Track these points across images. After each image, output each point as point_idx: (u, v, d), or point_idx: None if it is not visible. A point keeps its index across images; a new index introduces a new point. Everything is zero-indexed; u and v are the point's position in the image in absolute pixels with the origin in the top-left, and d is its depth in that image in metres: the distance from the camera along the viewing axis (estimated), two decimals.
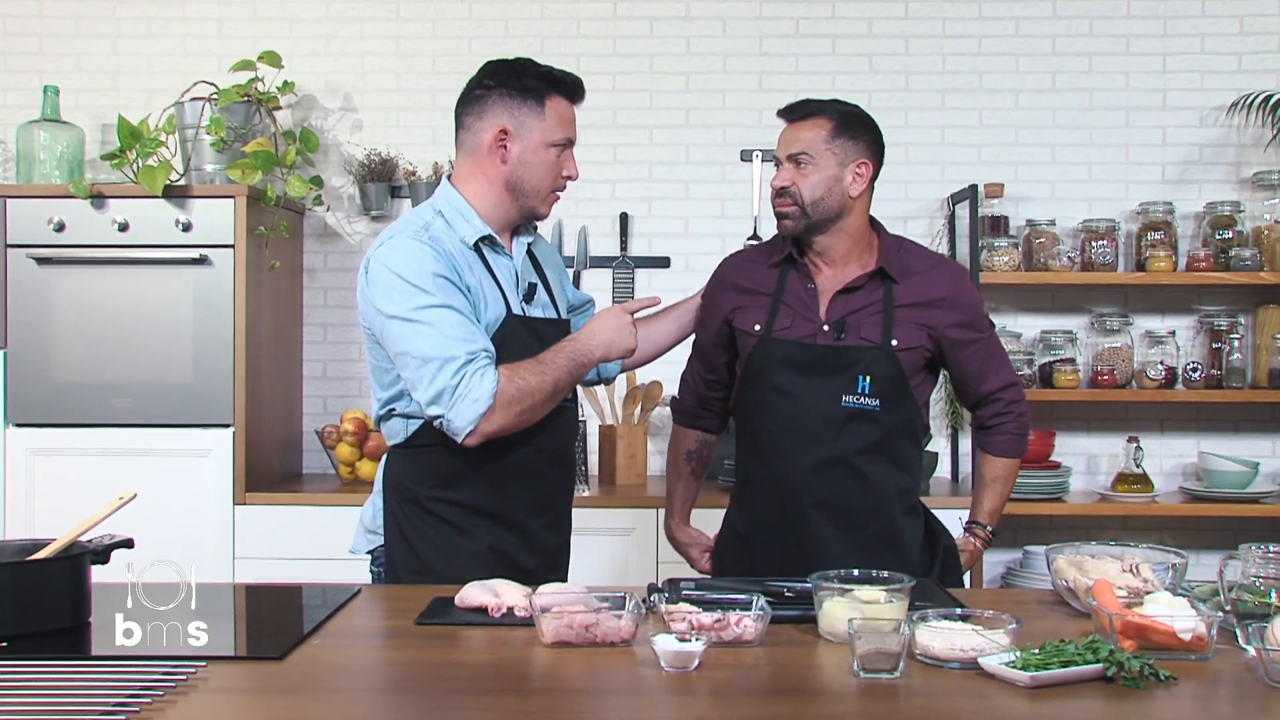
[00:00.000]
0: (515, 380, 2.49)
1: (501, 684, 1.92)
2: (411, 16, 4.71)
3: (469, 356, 2.46)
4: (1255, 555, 2.06)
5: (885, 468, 2.76)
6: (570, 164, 2.70)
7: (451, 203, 2.66)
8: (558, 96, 2.65)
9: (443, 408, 2.46)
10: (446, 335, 2.46)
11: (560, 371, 2.57)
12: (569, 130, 2.68)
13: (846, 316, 2.74)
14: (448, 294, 2.50)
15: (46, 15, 4.72)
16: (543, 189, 2.67)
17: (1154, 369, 4.39)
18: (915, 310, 2.75)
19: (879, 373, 2.71)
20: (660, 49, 4.70)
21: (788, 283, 2.81)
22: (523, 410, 2.51)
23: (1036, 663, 1.87)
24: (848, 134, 2.76)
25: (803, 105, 2.81)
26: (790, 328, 2.76)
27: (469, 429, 2.47)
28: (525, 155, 2.63)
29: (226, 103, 4.25)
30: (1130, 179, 4.64)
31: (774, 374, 2.75)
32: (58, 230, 4.10)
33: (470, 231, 2.63)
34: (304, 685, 1.90)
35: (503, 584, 2.34)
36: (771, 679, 1.94)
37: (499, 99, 2.62)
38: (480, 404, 2.45)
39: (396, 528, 2.66)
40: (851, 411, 2.71)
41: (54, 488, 4.10)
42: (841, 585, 2.15)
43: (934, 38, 4.67)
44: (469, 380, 2.45)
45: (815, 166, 2.72)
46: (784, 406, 2.74)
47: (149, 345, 4.10)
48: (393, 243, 2.56)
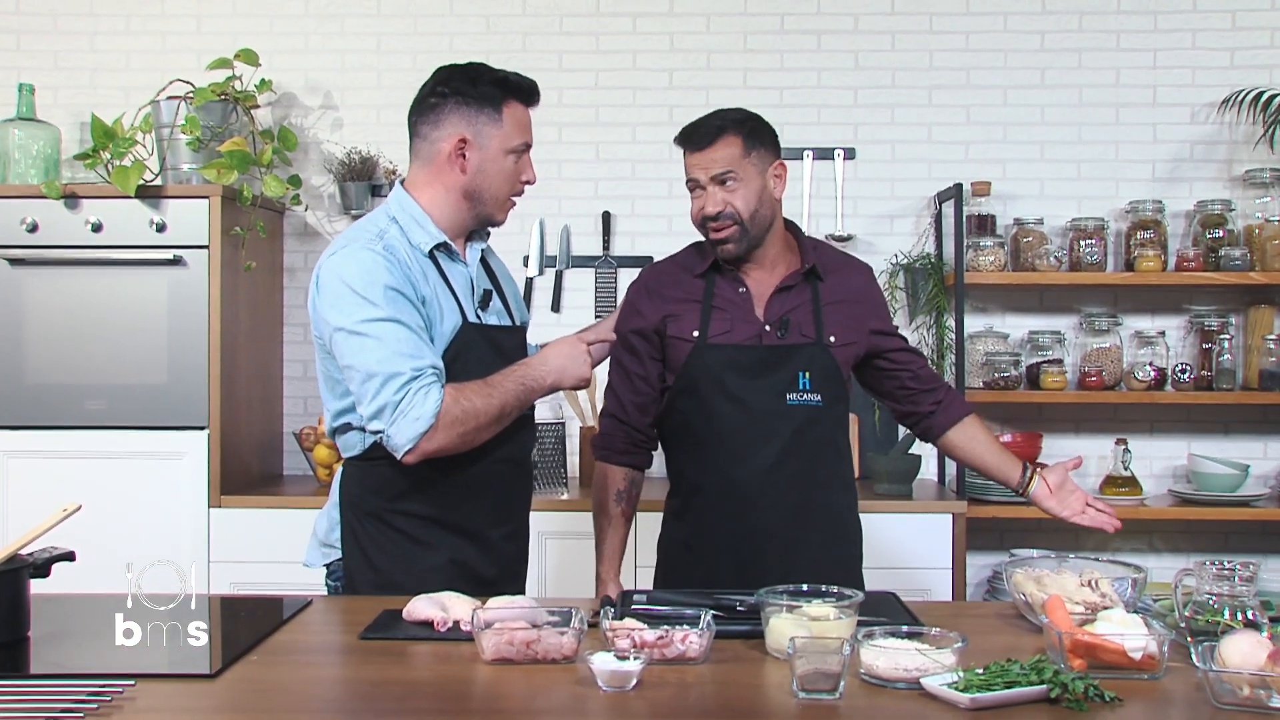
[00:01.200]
0: (460, 401, 2.44)
1: (434, 703, 1.87)
2: (392, 13, 4.66)
3: (414, 373, 2.40)
4: (1209, 572, 2.00)
5: (832, 462, 2.80)
6: (528, 169, 2.66)
7: (406, 209, 2.61)
8: (514, 102, 2.62)
9: (384, 424, 2.42)
10: (392, 350, 2.41)
11: (508, 396, 2.51)
12: (526, 135, 2.64)
13: (786, 314, 2.74)
14: (397, 307, 2.44)
15: (24, 12, 4.69)
16: (501, 196, 2.63)
17: (1142, 370, 4.32)
18: (841, 307, 2.80)
19: (818, 369, 2.73)
20: (643, 45, 4.64)
21: (716, 289, 2.78)
22: (465, 432, 2.45)
23: (979, 683, 1.81)
24: (757, 142, 2.73)
25: (705, 128, 2.73)
26: (730, 332, 2.74)
27: (408, 446, 2.42)
28: (484, 164, 2.59)
29: (202, 101, 4.21)
30: (1120, 177, 4.57)
31: (716, 379, 2.72)
32: (31, 231, 4.06)
33: (426, 239, 2.58)
34: (232, 706, 1.85)
35: (451, 597, 2.30)
36: (710, 699, 1.89)
37: (455, 107, 2.58)
38: (421, 422, 2.39)
39: (354, 541, 2.61)
40: (796, 409, 2.72)
41: (28, 490, 4.06)
42: (790, 601, 2.10)
43: (921, 33, 4.60)
44: (412, 397, 2.39)
45: (742, 182, 2.70)
46: (730, 411, 2.71)
47: (123, 347, 4.06)
48: (346, 252, 2.50)
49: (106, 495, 4.04)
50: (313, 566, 2.72)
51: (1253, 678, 1.76)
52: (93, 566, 3.93)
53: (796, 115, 4.58)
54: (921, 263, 4.48)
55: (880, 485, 4.16)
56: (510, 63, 4.56)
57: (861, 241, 4.59)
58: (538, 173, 4.54)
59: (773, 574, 2.41)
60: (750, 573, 2.55)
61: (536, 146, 4.52)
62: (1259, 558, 4.52)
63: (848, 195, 4.58)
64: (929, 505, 4.05)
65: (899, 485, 4.13)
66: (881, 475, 4.14)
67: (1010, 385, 4.34)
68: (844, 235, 4.54)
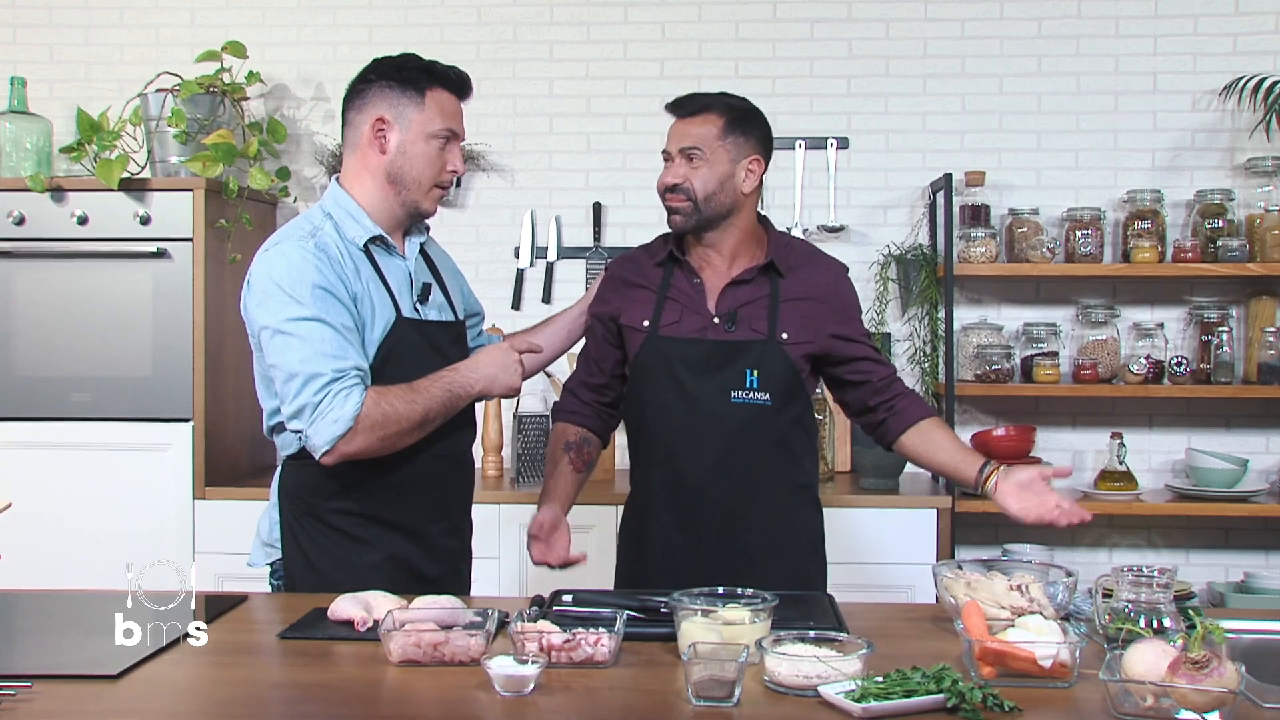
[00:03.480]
0: (381, 404, 2.42)
1: (327, 707, 1.86)
2: (383, 4, 4.65)
3: (335, 374, 2.39)
4: (1126, 578, 1.95)
5: (781, 464, 2.73)
6: (454, 158, 2.62)
7: (341, 204, 2.60)
8: (440, 89, 2.60)
9: (303, 424, 2.41)
10: (315, 350, 2.40)
11: (433, 402, 2.49)
12: (451, 122, 2.61)
13: (737, 309, 2.70)
14: (324, 307, 2.42)
15: (19, 5, 4.71)
16: (424, 180, 2.59)
17: (1137, 364, 4.24)
18: (801, 304, 2.73)
19: (768, 367, 2.67)
20: (635, 35, 4.60)
21: (673, 279, 2.76)
22: (386, 435, 2.43)
23: (876, 692, 1.78)
24: (740, 130, 2.70)
25: (693, 99, 2.76)
26: (679, 322, 2.71)
27: (325, 448, 2.41)
28: (404, 145, 2.57)
29: (188, 94, 4.21)
30: (1119, 166, 4.48)
31: (662, 372, 2.70)
32: (18, 224, 4.09)
33: (360, 232, 2.57)
34: (128, 708, 1.85)
35: (377, 596, 2.29)
36: (606, 705, 1.86)
37: (379, 90, 2.59)
38: (340, 425, 2.38)
39: (293, 540, 2.61)
40: (742, 407, 2.67)
41: (16, 482, 4.08)
42: (705, 605, 2.07)
43: (915, 21, 4.53)
44: (332, 399, 2.38)
45: (707, 162, 2.67)
46: (674, 405, 2.69)
47: (108, 339, 4.08)
48: (277, 249, 2.50)
49: (92, 487, 4.08)
50: (255, 566, 2.71)
51: (1154, 687, 1.72)
52: (77, 557, 4.02)
53: (789, 105, 4.53)
54: (914, 254, 4.42)
55: (866, 480, 4.11)
56: (501, 53, 4.63)
57: (855, 232, 4.53)
58: (527, 163, 4.55)
59: (715, 574, 2.38)
60: (692, 572, 2.52)
61: (528, 137, 4.60)
62: (1260, 555, 4.45)
63: (840, 185, 4.52)
64: (913, 500, 3.99)
65: (884, 480, 4.08)
66: (867, 470, 4.10)
67: (1002, 378, 4.27)
68: (836, 226, 4.49)
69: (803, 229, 4.48)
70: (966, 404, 4.49)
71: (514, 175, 4.63)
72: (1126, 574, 1.96)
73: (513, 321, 4.52)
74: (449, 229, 4.57)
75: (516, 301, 4.60)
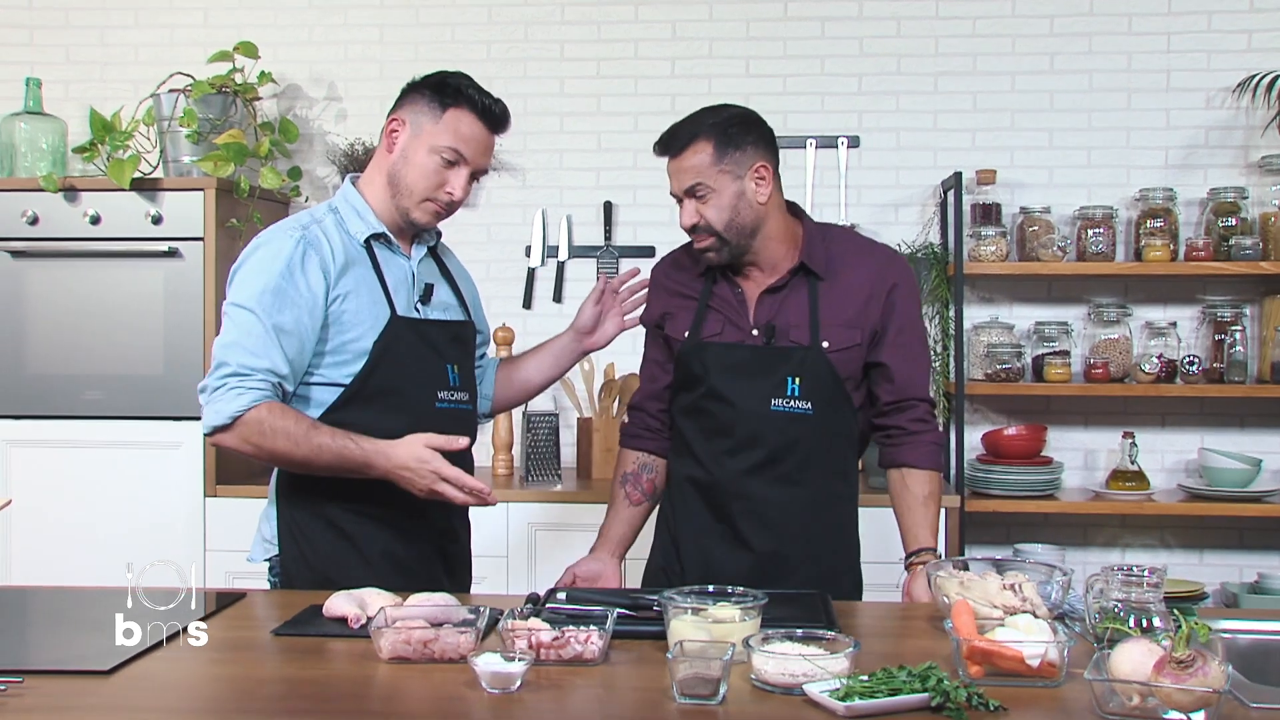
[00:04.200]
0: (266, 422, 2.44)
1: (315, 703, 1.87)
2: (395, 4, 4.67)
3: (239, 369, 2.44)
4: (1116, 577, 1.94)
5: (821, 475, 2.67)
6: (456, 182, 2.58)
7: (349, 200, 2.64)
8: (465, 111, 2.57)
9: (201, 400, 2.50)
10: (235, 340, 2.47)
11: (319, 456, 2.45)
12: (463, 146, 2.56)
13: (774, 320, 2.64)
14: (267, 303, 2.46)
15: (36, 7, 4.75)
16: (416, 190, 2.58)
17: (1149, 363, 4.21)
18: (844, 306, 2.64)
19: (810, 375, 2.60)
20: (645, 34, 4.61)
21: (715, 288, 2.71)
22: (259, 449, 2.47)
23: (861, 690, 1.78)
24: (732, 146, 2.59)
25: (675, 136, 2.64)
26: (720, 334, 2.67)
27: (205, 431, 2.51)
28: (408, 150, 2.58)
29: (199, 94, 4.24)
30: (1131, 164, 4.46)
31: (702, 378, 2.67)
32: (31, 223, 4.12)
33: (363, 228, 2.60)
34: (117, 705, 1.85)
35: (372, 593, 2.29)
36: (590, 702, 1.87)
37: (414, 95, 2.61)
38: (219, 417, 2.45)
39: (290, 536, 2.62)
40: (780, 415, 2.61)
41: (30, 478, 4.13)
42: (695, 604, 2.07)
43: (926, 19, 4.52)
44: (226, 391, 2.45)
45: (714, 193, 2.59)
46: (713, 411, 2.66)
47: (120, 338, 4.11)
48: (267, 233, 2.57)
49: (104, 484, 4.12)
50: (255, 561, 2.72)
51: (1139, 687, 1.71)
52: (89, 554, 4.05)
53: (800, 103, 4.53)
54: (924, 253, 4.40)
55: (874, 479, 4.09)
56: (512, 52, 4.63)
57: (865, 231, 4.48)
58: (538, 162, 4.54)
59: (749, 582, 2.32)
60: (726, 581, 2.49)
61: (539, 136, 4.60)
62: (1274, 555, 4.41)
63: (851, 184, 4.51)
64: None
65: None
66: (874, 468, 4.08)
67: (1013, 377, 4.26)
68: (847, 225, 4.47)
69: None
70: (978, 403, 4.47)
71: (525, 174, 4.64)
72: (1116, 573, 1.95)
73: (524, 320, 4.53)
74: (460, 228, 4.53)
75: (528, 300, 4.61)
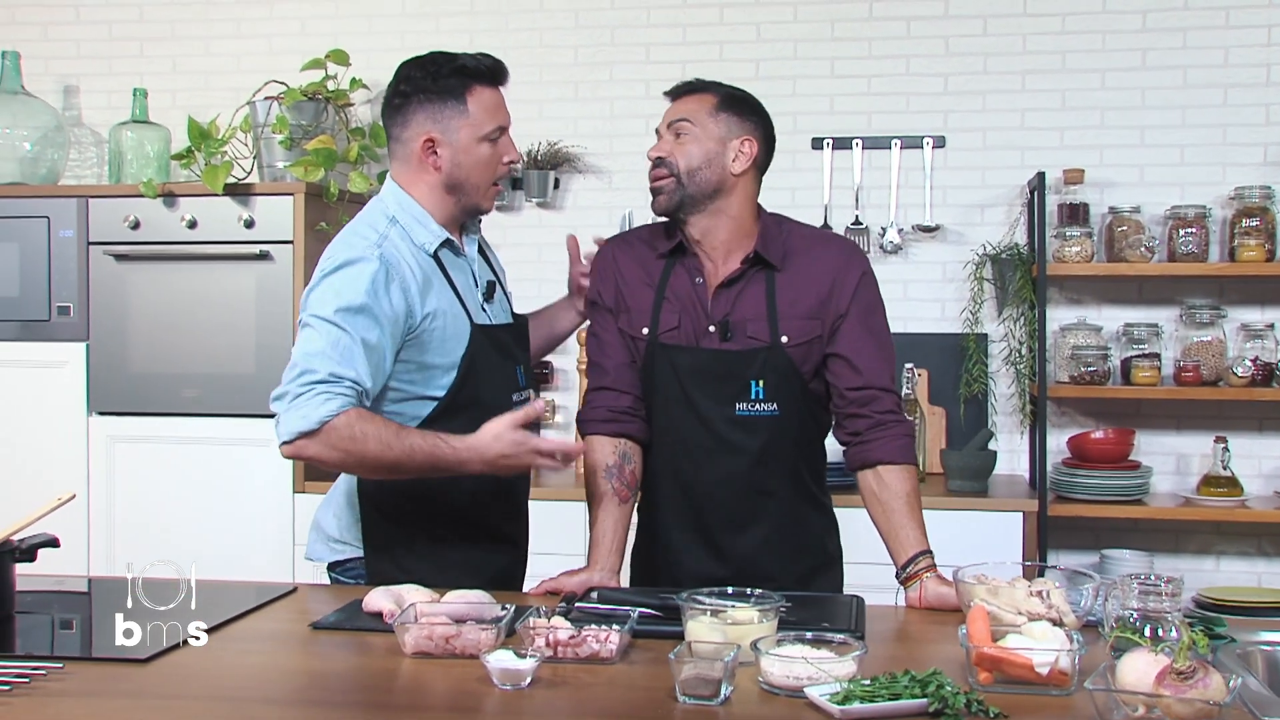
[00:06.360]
0: (355, 427, 2.37)
1: (332, 694, 1.94)
2: (484, 10, 4.75)
3: (329, 377, 2.38)
4: (1133, 586, 1.91)
5: (796, 473, 2.62)
6: (509, 149, 2.61)
7: (405, 207, 2.58)
8: (478, 87, 2.56)
9: (279, 408, 2.41)
10: (320, 349, 2.39)
11: (410, 458, 2.41)
12: (498, 118, 2.58)
13: (730, 316, 2.55)
14: (350, 320, 2.41)
15: (146, 20, 4.94)
16: (483, 184, 2.60)
17: (1241, 365, 4.10)
18: (802, 298, 2.55)
19: (772, 375, 2.53)
20: (730, 36, 4.62)
21: (672, 275, 2.61)
22: (344, 457, 2.40)
23: (861, 694, 1.78)
24: (733, 110, 2.58)
25: (689, 83, 2.65)
26: (678, 328, 2.58)
27: (286, 439, 2.40)
28: (457, 156, 2.56)
29: (291, 101, 4.37)
30: (1227, 161, 4.35)
31: (669, 382, 2.59)
32: (133, 228, 4.29)
33: (429, 238, 2.57)
34: (147, 692, 1.93)
35: (410, 589, 2.34)
36: (597, 699, 1.90)
37: (418, 105, 2.55)
38: (306, 423, 2.36)
39: (378, 540, 2.62)
40: (747, 419, 2.55)
41: (132, 473, 4.31)
42: (714, 604, 2.09)
43: (1014, 16, 4.46)
44: (313, 396, 2.37)
45: (694, 137, 2.54)
46: (680, 417, 2.59)
47: (215, 338, 4.26)
48: (344, 247, 2.51)
49: (200, 479, 4.26)
50: (318, 561, 2.74)
51: (1140, 697, 1.69)
52: (186, 546, 4.19)
53: (884, 104, 4.51)
54: (1009, 253, 4.34)
55: (953, 482, 4.06)
56: (598, 56, 4.68)
57: (951, 231, 4.48)
58: (624, 165, 4.56)
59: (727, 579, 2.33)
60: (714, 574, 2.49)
61: (625, 139, 4.65)
62: None
63: (937, 185, 4.47)
64: (1000, 503, 3.94)
65: (972, 482, 4.02)
66: (954, 472, 4.05)
67: (1098, 380, 4.18)
68: (932, 226, 4.44)
69: (898, 229, 4.45)
70: (1066, 406, 4.40)
71: (611, 176, 4.69)
72: (1133, 584, 1.92)
73: None
74: (547, 230, 4.66)
75: None
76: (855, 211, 4.50)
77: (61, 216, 4.33)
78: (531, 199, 4.68)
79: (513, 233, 4.68)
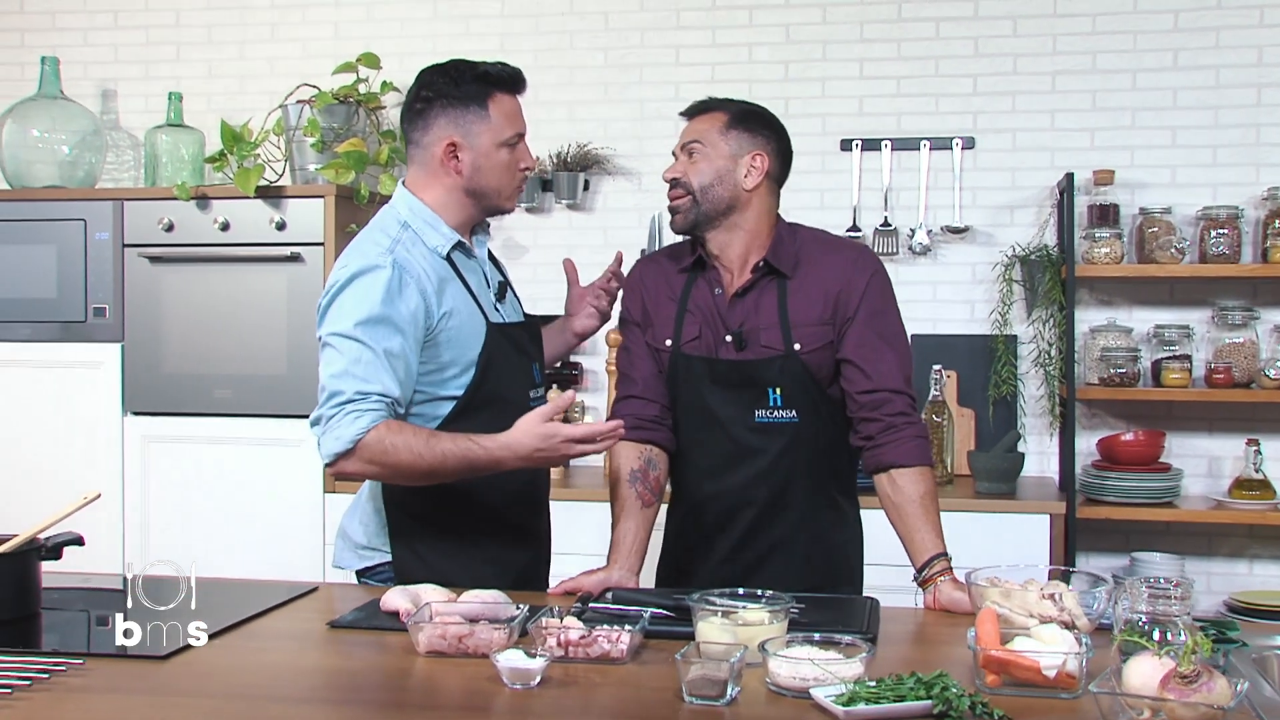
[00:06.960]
0: (387, 439, 2.42)
1: (342, 693, 1.97)
2: (515, 13, 4.78)
3: (357, 395, 2.43)
4: (1142, 590, 1.91)
5: (818, 480, 2.65)
6: (525, 156, 2.66)
7: (417, 212, 2.62)
8: (499, 94, 2.61)
9: (316, 433, 2.48)
10: (344, 369, 2.44)
11: (444, 463, 2.44)
12: (517, 125, 2.64)
13: (744, 327, 2.60)
14: (370, 333, 2.45)
15: (182, 24, 5.00)
16: (504, 185, 2.64)
17: (1274, 367, 4.07)
18: (813, 304, 2.59)
19: (789, 382, 2.58)
20: (759, 38, 4.63)
21: (694, 288, 2.67)
22: (382, 470, 2.46)
23: (866, 696, 1.79)
24: (744, 126, 2.63)
25: (702, 102, 2.72)
26: (699, 338, 2.64)
27: (327, 460, 2.46)
28: (479, 161, 2.60)
29: (322, 104, 4.41)
30: (1261, 162, 4.31)
31: (691, 392, 2.65)
32: (168, 230, 4.35)
33: (441, 241, 2.60)
34: (164, 688, 1.97)
35: (428, 589, 2.37)
36: (604, 699, 1.92)
37: (441, 110, 2.59)
38: (340, 443, 2.42)
39: (405, 544, 2.65)
40: (766, 426, 2.60)
41: (166, 473, 4.37)
42: (725, 605, 2.10)
43: (1044, 17, 4.44)
44: (343, 417, 2.42)
45: (705, 156, 2.60)
46: (702, 425, 2.64)
47: (247, 339, 4.31)
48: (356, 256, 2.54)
49: (233, 479, 4.31)
50: (346, 568, 2.77)
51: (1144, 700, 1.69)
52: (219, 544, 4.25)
53: (914, 105, 4.50)
54: (1038, 255, 4.32)
55: (981, 484, 4.05)
56: (628, 58, 4.70)
57: (980, 233, 4.47)
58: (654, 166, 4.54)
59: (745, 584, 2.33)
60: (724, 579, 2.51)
61: (654, 140, 4.67)
62: None
63: (966, 186, 4.46)
64: (1027, 505, 3.93)
65: (998, 484, 4.01)
66: (981, 473, 4.04)
67: (1128, 381, 4.16)
68: (961, 227, 4.43)
69: (927, 230, 4.45)
70: (1096, 408, 4.38)
71: (640, 178, 4.70)
72: (1142, 587, 1.92)
73: None
74: (577, 231, 4.69)
75: None
76: (884, 213, 4.49)
77: (98, 219, 4.39)
78: (561, 201, 4.70)
79: (543, 234, 4.72)
